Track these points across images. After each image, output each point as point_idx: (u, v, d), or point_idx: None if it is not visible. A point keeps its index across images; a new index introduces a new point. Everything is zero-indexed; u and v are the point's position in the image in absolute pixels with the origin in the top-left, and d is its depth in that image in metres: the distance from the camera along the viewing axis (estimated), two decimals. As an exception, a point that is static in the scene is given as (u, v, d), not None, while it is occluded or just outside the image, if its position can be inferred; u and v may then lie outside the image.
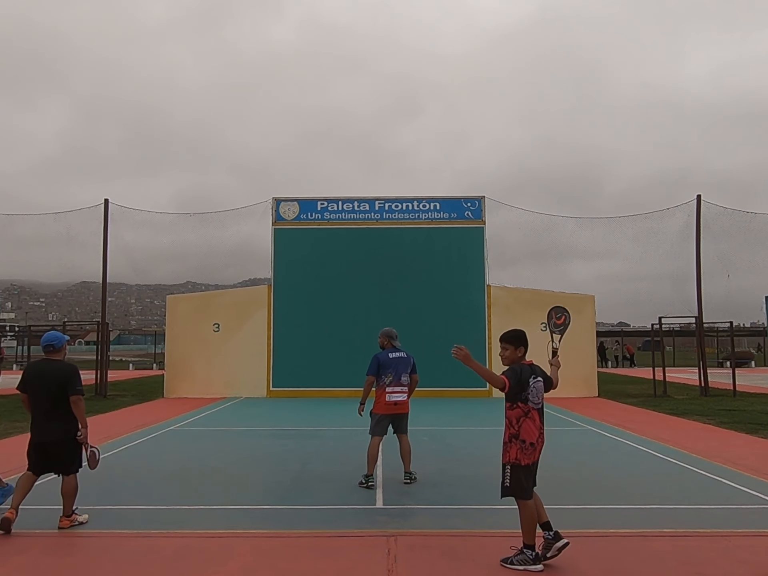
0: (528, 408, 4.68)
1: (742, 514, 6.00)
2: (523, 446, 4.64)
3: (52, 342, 5.78)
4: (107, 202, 19.96)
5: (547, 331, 5.92)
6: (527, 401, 4.68)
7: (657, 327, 19.63)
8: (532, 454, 4.66)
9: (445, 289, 19.12)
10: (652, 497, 6.58)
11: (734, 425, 12.05)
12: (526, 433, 4.65)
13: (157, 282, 52.59)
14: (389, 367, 7.42)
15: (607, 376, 26.20)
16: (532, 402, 4.69)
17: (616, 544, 5.12)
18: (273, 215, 19.75)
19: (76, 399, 5.61)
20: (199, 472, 8.08)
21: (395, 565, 4.67)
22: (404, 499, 6.62)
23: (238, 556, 4.89)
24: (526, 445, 4.64)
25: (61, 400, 5.60)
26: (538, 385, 4.77)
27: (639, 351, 53.17)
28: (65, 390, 5.59)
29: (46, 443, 5.64)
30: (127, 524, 5.70)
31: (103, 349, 19.42)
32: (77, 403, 5.61)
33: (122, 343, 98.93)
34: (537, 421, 4.70)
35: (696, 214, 19.33)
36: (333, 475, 7.69)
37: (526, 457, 4.63)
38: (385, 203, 19.86)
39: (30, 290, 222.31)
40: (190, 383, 18.78)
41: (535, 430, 4.68)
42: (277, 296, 19.35)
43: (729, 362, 23.98)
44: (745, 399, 17.09)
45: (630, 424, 12.30)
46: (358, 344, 18.84)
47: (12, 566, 4.70)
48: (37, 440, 5.69)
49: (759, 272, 19.81)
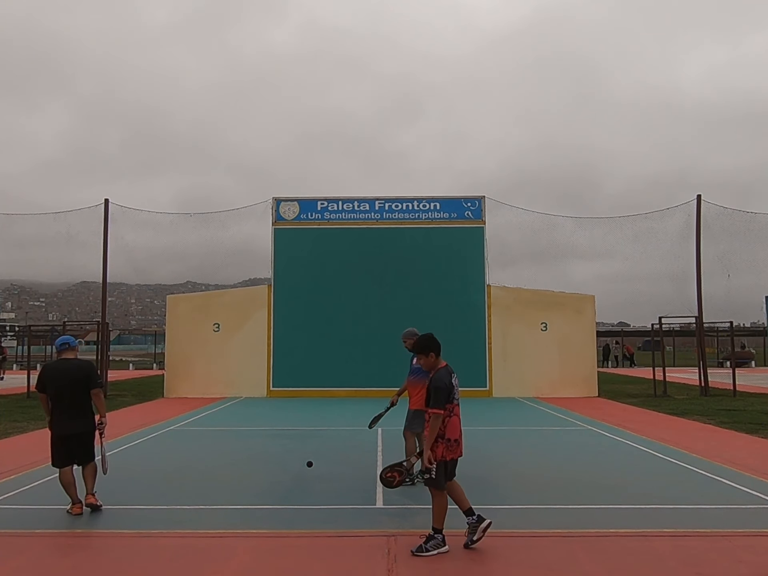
0: (453, 406, 4.89)
1: (742, 514, 6.00)
2: (449, 444, 4.85)
3: (68, 341, 6.27)
4: (107, 202, 19.95)
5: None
6: (453, 400, 4.90)
7: (657, 327, 19.64)
8: (456, 449, 4.91)
9: (445, 289, 19.12)
10: (652, 497, 6.58)
11: (734, 425, 12.05)
12: (450, 431, 4.86)
13: (157, 282, 52.62)
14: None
15: (607, 376, 26.20)
16: (456, 399, 4.94)
17: (616, 544, 5.12)
18: (273, 215, 19.75)
19: (97, 392, 6.15)
20: (199, 472, 8.08)
21: (395, 565, 4.67)
22: (404, 499, 6.61)
23: (238, 556, 4.89)
24: (451, 442, 4.86)
25: (83, 394, 6.05)
26: (456, 381, 5.01)
27: (639, 351, 53.16)
28: (87, 384, 6.05)
29: (71, 436, 6.03)
30: (127, 524, 5.70)
31: (103, 349, 19.42)
32: (98, 395, 6.16)
33: (122, 343, 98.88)
34: (458, 416, 4.97)
35: (696, 214, 19.33)
36: (333, 475, 7.68)
37: (451, 453, 4.88)
38: (385, 203, 19.85)
39: (30, 290, 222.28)
40: (190, 383, 18.78)
41: (458, 426, 4.94)
42: (277, 296, 19.35)
43: (729, 362, 23.97)
44: (745, 399, 17.09)
45: (630, 424, 12.30)
46: (358, 344, 18.90)
47: (12, 566, 4.70)
48: (62, 433, 6.03)
49: (759, 272, 19.81)
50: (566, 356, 18.54)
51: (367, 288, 19.21)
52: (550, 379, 18.43)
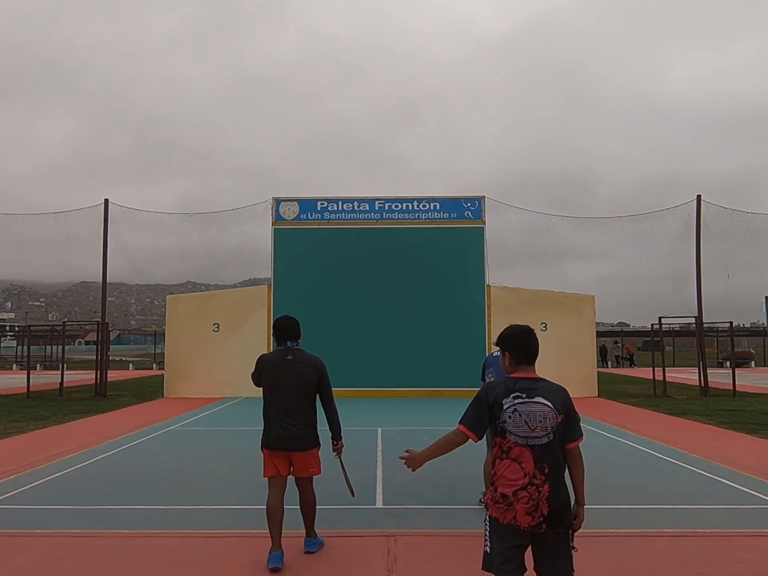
0: (508, 444, 3.11)
1: (742, 514, 6.00)
2: (494, 496, 3.13)
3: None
4: (107, 202, 19.94)
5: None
6: (505, 434, 3.12)
7: (657, 327, 19.64)
8: (506, 512, 3.06)
9: (445, 289, 19.11)
10: (652, 497, 6.58)
11: (734, 425, 12.04)
12: (500, 480, 3.13)
13: (157, 282, 52.61)
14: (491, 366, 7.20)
15: (607, 376, 26.20)
16: (513, 434, 3.09)
17: (616, 544, 5.12)
18: (273, 215, 19.74)
19: None
20: (199, 472, 8.08)
21: (395, 565, 4.67)
22: (404, 499, 6.62)
23: (238, 556, 4.89)
24: (497, 495, 3.11)
25: None
26: (528, 409, 3.10)
27: (639, 351, 53.17)
28: None
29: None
30: (127, 524, 5.69)
31: (103, 349, 19.41)
32: None
33: (122, 343, 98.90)
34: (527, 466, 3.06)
35: (696, 214, 19.33)
36: (333, 475, 7.67)
37: (497, 511, 3.10)
38: (385, 203, 19.84)
39: (30, 290, 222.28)
40: (190, 383, 18.78)
41: (515, 480, 3.06)
42: (276, 296, 19.33)
43: (729, 362, 23.96)
44: (745, 399, 17.09)
45: (630, 424, 12.30)
46: (358, 344, 18.88)
47: (12, 566, 4.70)
48: None
49: (759, 272, 19.83)
50: (566, 356, 18.51)
51: (367, 288, 19.20)
52: (550, 379, 18.35)
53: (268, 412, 4.90)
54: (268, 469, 4.86)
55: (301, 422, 4.85)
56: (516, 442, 3.07)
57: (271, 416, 4.86)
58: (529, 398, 3.12)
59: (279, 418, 4.81)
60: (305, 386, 4.91)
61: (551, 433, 3.07)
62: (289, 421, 4.80)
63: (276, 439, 4.79)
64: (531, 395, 3.13)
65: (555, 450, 3.08)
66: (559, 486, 3.06)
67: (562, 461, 3.12)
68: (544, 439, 3.06)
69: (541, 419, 3.07)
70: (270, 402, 4.91)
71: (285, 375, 4.88)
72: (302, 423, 4.86)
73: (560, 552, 3.10)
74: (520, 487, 3.03)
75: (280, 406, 4.84)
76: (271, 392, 4.89)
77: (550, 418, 3.09)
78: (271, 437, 4.81)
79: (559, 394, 3.20)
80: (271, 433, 4.82)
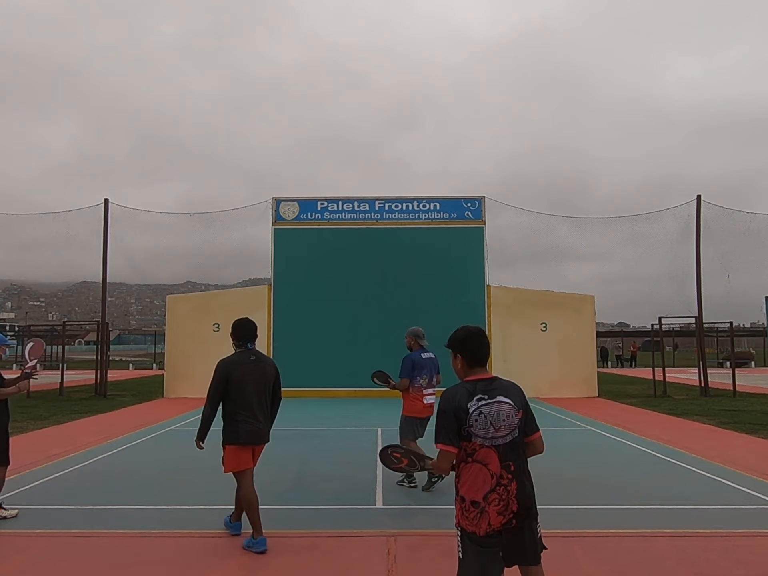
0: (473, 446, 3.02)
1: (742, 514, 5.99)
2: (463, 506, 3.02)
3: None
4: (107, 202, 19.94)
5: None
6: (470, 437, 3.01)
7: (657, 327, 19.64)
8: (477, 521, 2.97)
9: (445, 289, 19.11)
10: (652, 497, 6.58)
11: (734, 425, 12.05)
12: (467, 486, 3.02)
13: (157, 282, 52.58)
14: (424, 368, 7.22)
15: (607, 376, 26.20)
16: (479, 437, 3.01)
17: (616, 544, 5.12)
18: (273, 215, 19.75)
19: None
20: (198, 472, 8.07)
21: (395, 565, 4.67)
22: (404, 499, 6.62)
23: (238, 556, 4.89)
24: (466, 504, 3.01)
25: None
26: (492, 409, 3.03)
27: (639, 351, 53.16)
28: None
29: None
30: (127, 524, 5.70)
31: (103, 349, 19.42)
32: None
33: (122, 343, 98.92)
34: (493, 467, 3.00)
35: (696, 214, 19.33)
36: (333, 475, 7.68)
37: (469, 523, 2.99)
38: (384, 203, 19.85)
39: (30, 290, 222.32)
40: (190, 383, 18.76)
41: (483, 483, 2.99)
42: (276, 296, 19.35)
43: (729, 362, 23.97)
44: (745, 399, 17.09)
45: (630, 425, 12.30)
46: (358, 344, 18.88)
47: (12, 566, 4.70)
48: None
49: (759, 272, 19.83)
50: (566, 356, 18.53)
51: (367, 288, 19.21)
52: (550, 379, 18.41)
53: (234, 410, 5.14)
54: (241, 462, 5.13)
55: (264, 418, 5.21)
56: (481, 444, 3.01)
57: (238, 413, 5.11)
58: (491, 398, 3.07)
59: (246, 415, 5.10)
60: (268, 385, 5.27)
61: (515, 430, 3.07)
62: (257, 418, 5.13)
63: (245, 434, 5.08)
64: (492, 395, 3.08)
65: (518, 447, 3.09)
66: (524, 481, 3.07)
67: (524, 456, 3.14)
68: (508, 437, 3.04)
69: (505, 417, 3.05)
70: (237, 400, 5.13)
71: (253, 375, 5.18)
72: (265, 418, 5.24)
73: (528, 537, 3.06)
74: (490, 489, 2.98)
75: (248, 404, 5.11)
76: (239, 391, 5.12)
77: (513, 415, 3.07)
78: (240, 433, 5.08)
79: (516, 390, 3.20)
80: (239, 430, 5.08)
